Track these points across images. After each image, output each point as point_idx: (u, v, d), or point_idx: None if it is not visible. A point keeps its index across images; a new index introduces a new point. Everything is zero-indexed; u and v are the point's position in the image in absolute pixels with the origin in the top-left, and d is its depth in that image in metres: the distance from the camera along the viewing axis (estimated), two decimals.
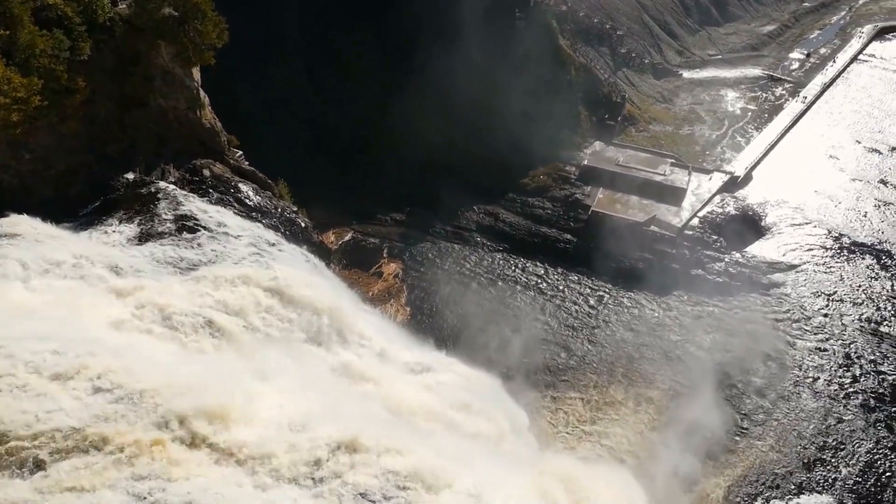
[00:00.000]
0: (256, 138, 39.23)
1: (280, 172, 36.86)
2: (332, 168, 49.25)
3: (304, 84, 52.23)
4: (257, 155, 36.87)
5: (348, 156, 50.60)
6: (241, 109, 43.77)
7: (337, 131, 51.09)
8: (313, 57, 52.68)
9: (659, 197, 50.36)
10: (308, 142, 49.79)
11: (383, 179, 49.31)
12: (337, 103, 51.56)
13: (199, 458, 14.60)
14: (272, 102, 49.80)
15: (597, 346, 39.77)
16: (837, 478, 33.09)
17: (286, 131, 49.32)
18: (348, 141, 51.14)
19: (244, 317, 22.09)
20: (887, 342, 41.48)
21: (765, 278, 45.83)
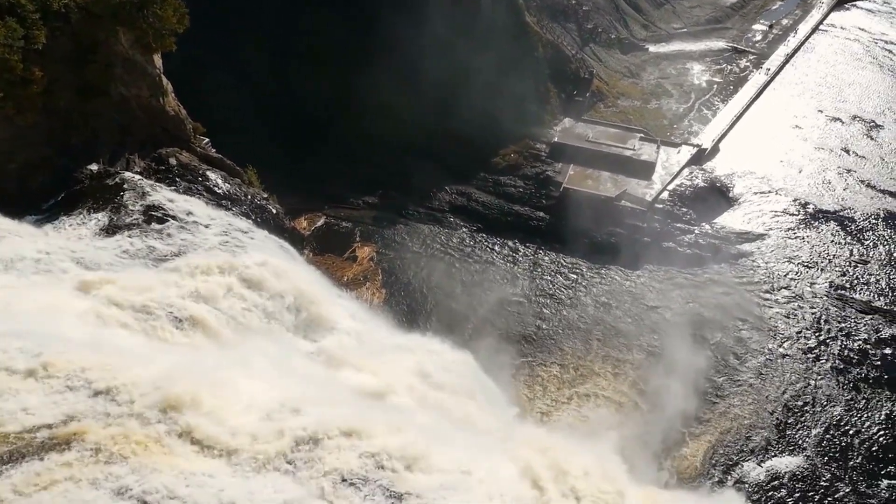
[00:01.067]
0: (223, 125, 38.59)
1: (249, 159, 36.35)
2: (302, 153, 48.68)
3: (270, 67, 51.32)
4: (225, 142, 36.35)
5: (318, 139, 50.02)
6: (206, 96, 42.92)
7: (305, 115, 50.43)
8: (278, 39, 51.72)
9: (629, 171, 50.80)
10: (276, 126, 49.09)
11: (354, 162, 48.90)
12: (304, 87, 50.80)
13: (179, 450, 14.50)
14: (238, 87, 48.91)
15: (572, 319, 40.28)
16: (808, 438, 34.15)
17: (253, 116, 48.55)
18: (317, 124, 50.54)
19: (217, 306, 21.87)
20: (851, 306, 42.69)
21: (734, 248, 46.70)
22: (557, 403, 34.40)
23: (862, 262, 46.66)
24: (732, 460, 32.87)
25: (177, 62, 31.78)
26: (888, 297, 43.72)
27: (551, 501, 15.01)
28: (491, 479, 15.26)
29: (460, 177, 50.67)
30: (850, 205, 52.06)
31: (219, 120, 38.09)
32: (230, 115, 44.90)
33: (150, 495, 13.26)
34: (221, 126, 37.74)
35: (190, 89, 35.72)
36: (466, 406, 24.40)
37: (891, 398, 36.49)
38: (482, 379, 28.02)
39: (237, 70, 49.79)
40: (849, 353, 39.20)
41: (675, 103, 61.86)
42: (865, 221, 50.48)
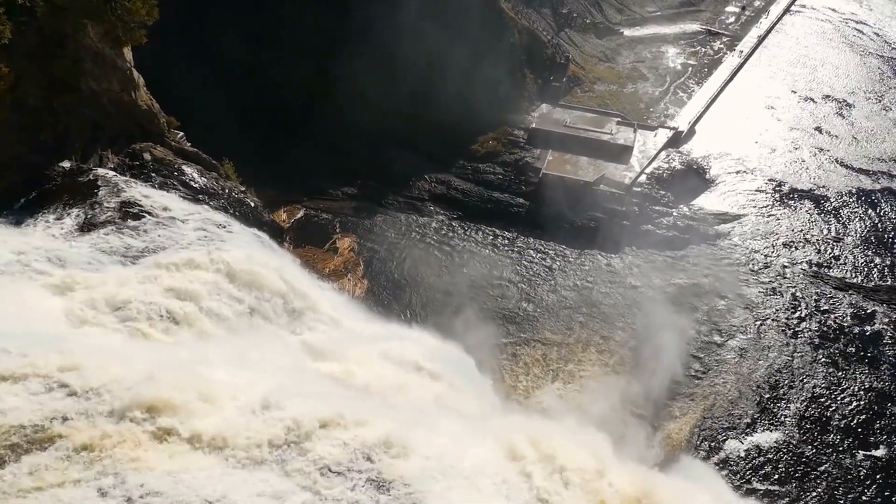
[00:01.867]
0: (198, 118, 38.06)
1: (225, 152, 35.94)
2: (279, 144, 48.22)
3: (245, 58, 50.61)
4: (200, 135, 35.85)
5: (295, 130, 49.57)
6: (180, 89, 42.30)
7: (282, 106, 49.93)
8: (252, 28, 50.99)
9: (607, 156, 51.06)
10: (252, 118, 48.52)
11: (333, 153, 48.54)
12: (279, 77, 50.26)
13: (164, 448, 14.44)
14: (212, 80, 48.19)
15: (555, 302, 40.59)
16: (787, 414, 34.83)
17: (229, 109, 47.86)
18: (294, 115, 50.07)
19: (198, 301, 21.69)
20: (827, 283, 43.48)
21: (712, 229, 47.26)
22: (542, 384, 34.70)
23: (836, 240, 47.49)
24: (716, 437, 33.45)
25: (148, 55, 31.20)
26: (862, 274, 44.60)
27: (537, 482, 15.17)
28: (477, 463, 15.39)
29: (439, 165, 50.58)
30: (824, 183, 52.89)
31: (193, 113, 37.53)
32: (204, 108, 44.23)
33: (135, 494, 13.20)
34: (196, 119, 37.22)
35: (163, 83, 35.18)
36: (451, 392, 24.53)
37: (867, 372, 37.31)
38: (466, 364, 28.17)
39: (211, 62, 49.10)
40: (826, 330, 39.97)
41: (650, 87, 62.18)
42: (839, 199, 51.35)
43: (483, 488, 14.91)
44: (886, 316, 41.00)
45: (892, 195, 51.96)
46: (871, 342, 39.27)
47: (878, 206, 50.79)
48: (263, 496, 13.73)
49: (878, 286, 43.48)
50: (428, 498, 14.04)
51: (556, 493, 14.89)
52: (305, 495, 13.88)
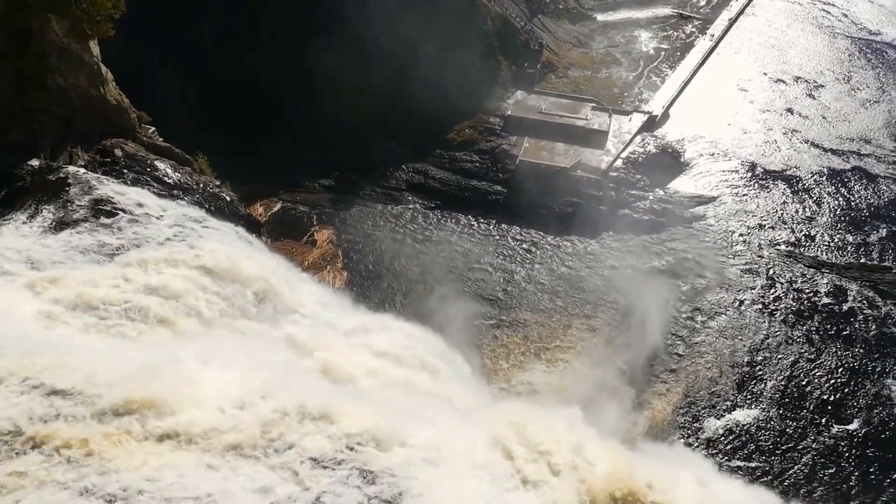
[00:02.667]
0: (170, 112, 37.52)
1: (198, 146, 35.54)
2: (254, 136, 47.69)
3: (216, 49, 49.83)
4: (172, 130, 35.35)
5: (270, 122, 49.03)
6: (150, 83, 41.66)
7: (255, 97, 49.32)
8: (222, 18, 50.21)
9: (583, 141, 51.31)
10: (226, 111, 47.95)
11: (308, 144, 48.12)
12: (252, 67, 49.48)
13: (147, 447, 14.33)
14: (183, 72, 47.45)
15: (535, 288, 40.90)
16: (764, 391, 35.52)
17: (201, 102, 47.27)
18: (269, 106, 49.49)
19: (176, 298, 21.45)
20: (801, 262, 44.27)
21: (687, 212, 47.83)
22: (524, 367, 35.02)
23: (809, 220, 48.32)
24: (697, 415, 34.04)
25: (116, 49, 30.66)
26: (834, 252, 45.48)
27: (521, 466, 15.33)
28: (460, 451, 15.51)
29: (416, 154, 50.46)
30: (796, 164, 53.70)
31: (165, 107, 37.02)
32: (176, 102, 43.63)
33: (118, 494, 13.10)
34: (168, 114, 36.71)
35: (132, 77, 34.59)
36: (433, 380, 24.62)
37: (841, 349, 38.15)
38: (448, 352, 28.27)
39: (181, 54, 48.30)
40: (801, 308, 40.76)
41: (624, 71, 62.50)
42: (811, 179, 52.19)
43: (468, 476, 15.03)
44: (859, 293, 41.89)
45: (862, 174, 52.95)
46: (845, 319, 40.13)
47: (848, 185, 51.74)
48: (249, 491, 13.70)
49: (851, 264, 44.38)
50: (413, 487, 14.12)
51: (540, 477, 15.07)
52: (291, 488, 13.88)
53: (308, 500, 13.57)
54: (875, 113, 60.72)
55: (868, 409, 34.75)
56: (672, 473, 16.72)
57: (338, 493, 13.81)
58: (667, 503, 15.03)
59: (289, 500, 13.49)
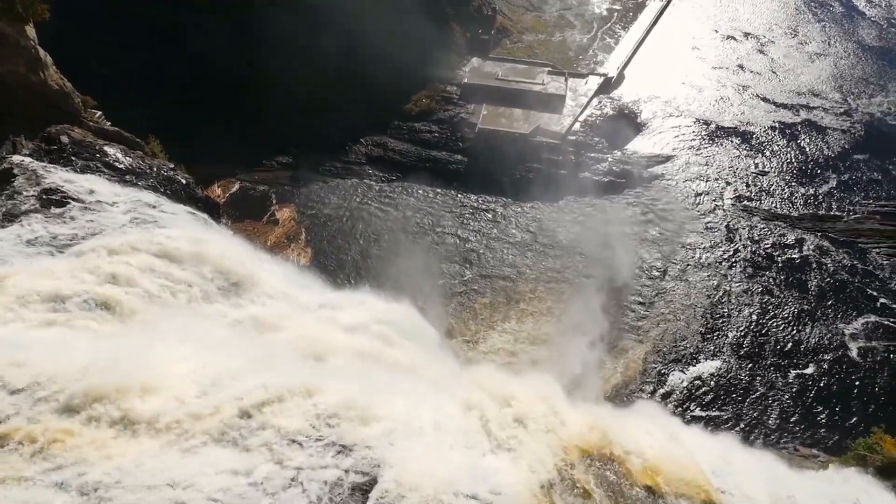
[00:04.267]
0: (116, 94, 36.27)
1: (149, 128, 34.48)
2: (206, 116, 46.51)
3: (162, 24, 48.14)
4: (120, 113, 34.21)
5: (222, 101, 47.81)
6: (94, 64, 40.15)
7: (205, 75, 47.95)
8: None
9: (540, 106, 51.38)
10: (176, 90, 46.59)
11: (264, 121, 47.19)
12: (201, 43, 48.01)
13: (116, 438, 14.12)
14: (128, 52, 45.86)
15: (501, 254, 41.27)
16: (726, 342, 36.64)
17: (149, 82, 45.88)
18: (220, 84, 48.19)
19: (136, 286, 20.97)
20: (756, 215, 45.40)
21: (646, 171, 48.51)
22: (494, 335, 35.43)
23: (763, 174, 49.46)
24: (663, 369, 34.99)
25: (54, 31, 29.38)
26: (787, 204, 46.74)
27: (495, 430, 15.59)
28: (435, 419, 15.68)
29: (374, 127, 49.96)
30: (749, 119, 54.74)
31: (111, 90, 35.75)
32: (123, 83, 42.24)
33: (92, 486, 12.94)
34: (114, 96, 35.46)
35: (73, 60, 33.27)
36: (404, 352, 24.73)
37: (796, 297, 39.48)
38: (417, 323, 28.37)
39: (125, 33, 46.62)
40: (758, 260, 41.97)
41: (578, 34, 62.49)
42: (763, 134, 53.30)
43: (444, 443, 15.22)
44: (812, 243, 43.27)
45: (812, 127, 54.27)
46: (800, 269, 41.49)
47: (799, 139, 53.01)
48: (226, 473, 13.66)
49: (803, 215, 45.73)
50: (390, 457, 14.25)
51: (515, 439, 15.35)
52: (268, 467, 13.88)
53: (285, 478, 13.60)
54: (822, 66, 62.06)
55: (822, 353, 36.21)
56: (641, 425, 17.19)
57: (314, 468, 13.86)
58: (637, 455, 15.48)
59: (266, 480, 13.49)
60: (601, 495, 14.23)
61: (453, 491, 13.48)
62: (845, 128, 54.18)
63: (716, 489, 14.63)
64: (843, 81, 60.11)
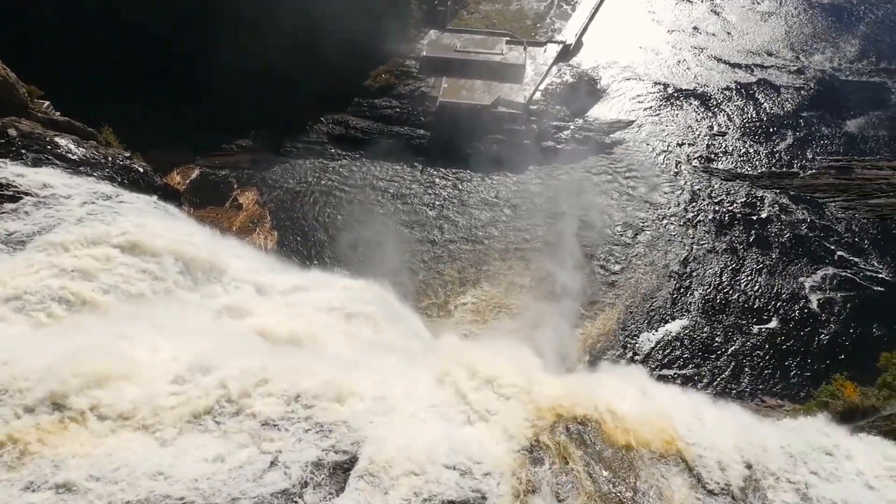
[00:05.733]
0: (64, 83, 35.09)
1: (101, 116, 33.53)
2: (160, 100, 45.21)
3: (105, 7, 46.23)
4: (69, 102, 33.14)
5: (176, 83, 46.46)
6: (37, 53, 38.65)
7: (156, 57, 46.50)
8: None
9: (501, 77, 51.15)
10: (126, 76, 45.18)
11: (221, 104, 45.96)
12: (148, 24, 46.39)
13: (91, 432, 13.96)
14: (72, 38, 44.17)
15: (468, 226, 41.37)
16: (693, 300, 37.47)
17: (97, 68, 44.33)
18: (172, 66, 46.79)
19: (100, 279, 20.56)
20: (717, 176, 46.19)
21: (608, 137, 48.84)
22: (465, 307, 35.65)
23: (722, 134, 50.22)
24: (634, 330, 35.67)
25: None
26: (746, 163, 47.60)
27: (471, 399, 15.80)
28: (412, 394, 15.82)
29: (334, 105, 49.29)
30: (706, 81, 55.34)
31: (57, 78, 34.58)
32: (69, 71, 40.81)
33: (73, 481, 12.81)
34: (62, 85, 34.31)
35: (14, 49, 32.04)
36: (377, 330, 24.80)
37: (759, 254, 40.44)
38: (388, 299, 28.41)
39: (67, 18, 44.86)
40: (721, 219, 42.83)
41: (535, 2, 62.12)
42: (720, 95, 54.00)
43: (421, 416, 15.38)
44: (772, 200, 44.26)
45: (767, 86, 55.13)
46: (761, 226, 42.46)
47: (755, 98, 53.85)
48: (206, 461, 13.64)
49: (762, 173, 46.66)
50: (369, 434, 14.36)
51: (490, 406, 15.59)
52: (248, 451, 13.90)
53: (265, 462, 13.63)
54: (775, 25, 62.88)
55: (784, 307, 37.29)
56: (614, 386, 17.59)
57: (295, 450, 13.92)
58: (611, 416, 15.86)
59: (246, 464, 13.51)
60: (578, 457, 14.57)
61: (434, 462, 13.68)
62: (799, 85, 55.15)
63: (687, 443, 15.10)
64: (795, 39, 61.06)
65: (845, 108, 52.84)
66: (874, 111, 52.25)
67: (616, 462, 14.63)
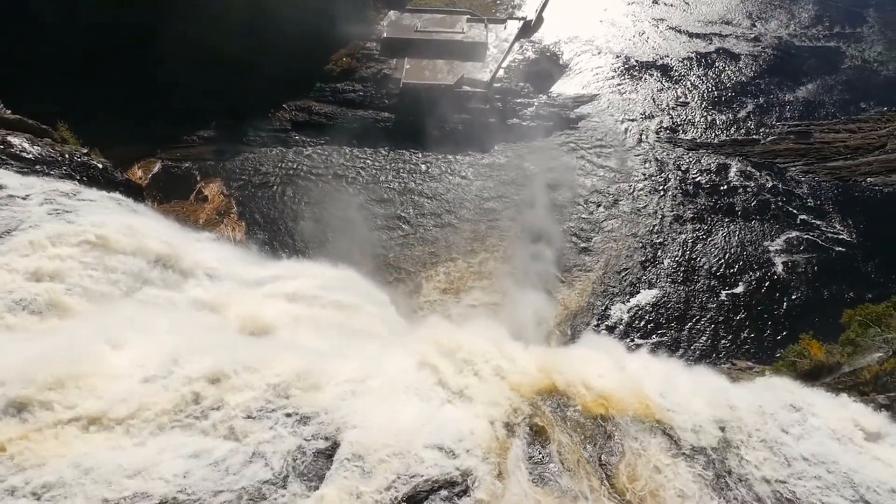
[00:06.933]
0: (13, 81, 34.00)
1: (55, 113, 32.56)
2: (117, 93, 44.15)
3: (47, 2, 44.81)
4: (19, 99, 32.10)
5: (132, 75, 45.36)
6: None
7: (109, 49, 45.25)
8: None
9: (463, 56, 50.94)
10: (79, 70, 43.92)
11: (179, 95, 45.05)
12: (99, 14, 45.05)
13: (64, 436, 13.73)
14: (19, 32, 42.71)
15: (437, 207, 41.42)
16: (662, 269, 38.09)
17: (47, 62, 43.01)
18: (126, 57, 45.61)
19: (66, 280, 20.11)
20: (680, 146, 46.78)
21: (573, 112, 49.08)
22: (438, 284, 35.76)
23: (684, 104, 50.77)
24: (605, 302, 36.18)
25: None
26: (709, 132, 48.27)
27: (449, 380, 15.90)
28: (389, 377, 15.86)
29: (296, 91, 48.63)
30: (666, 52, 55.81)
31: (4, 77, 33.46)
32: (18, 69, 39.48)
33: (50, 485, 12.62)
34: (11, 83, 33.23)
35: None
36: (351, 314, 24.74)
37: (725, 220, 41.22)
38: (362, 286, 28.35)
39: (10, 15, 43.35)
40: (688, 188, 43.51)
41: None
42: (681, 65, 54.52)
43: (401, 399, 15.43)
44: (735, 167, 45.04)
45: (725, 54, 55.82)
46: (726, 193, 43.24)
47: (714, 66, 54.50)
48: (182, 457, 13.52)
49: (724, 141, 47.40)
50: (349, 420, 14.38)
51: (469, 385, 15.71)
52: (228, 445, 13.81)
53: (246, 455, 13.57)
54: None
55: (751, 272, 38.17)
56: (589, 358, 17.85)
57: (275, 441, 13.88)
58: (587, 387, 16.12)
59: (226, 458, 13.44)
60: (558, 430, 14.79)
61: (416, 443, 13.76)
62: (756, 53, 55.93)
63: (662, 409, 15.42)
64: (751, 7, 61.77)
65: (802, 73, 53.82)
66: (829, 75, 53.34)
67: (594, 431, 14.91)
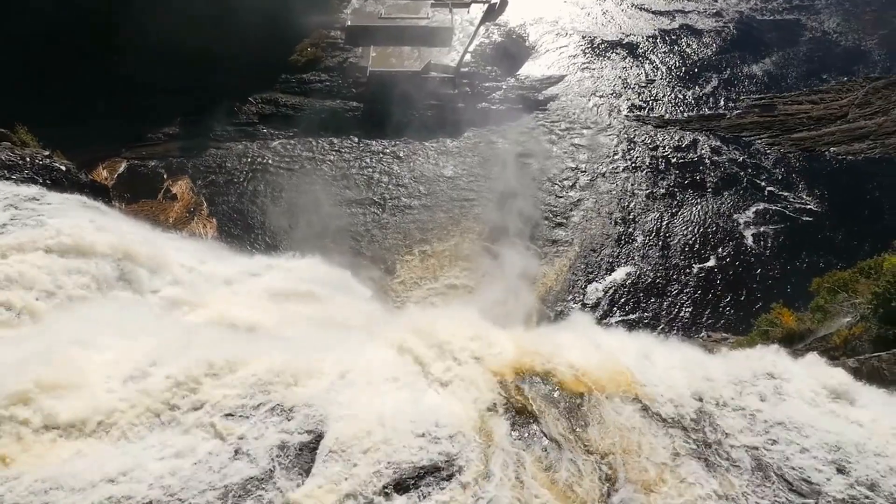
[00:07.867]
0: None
1: (13, 116, 31.74)
2: (77, 92, 43.13)
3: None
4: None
5: (91, 72, 44.32)
6: None
7: (67, 45, 44.11)
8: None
9: (429, 41, 50.67)
10: (36, 71, 42.79)
11: (139, 92, 44.22)
12: (50, 15, 43.92)
13: (40, 445, 13.52)
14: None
15: (411, 195, 41.36)
16: (635, 246, 38.56)
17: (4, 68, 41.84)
18: (85, 53, 44.54)
19: (33, 286, 19.74)
20: (648, 123, 47.21)
21: (541, 94, 49.20)
22: (416, 275, 35.79)
23: (650, 82, 51.18)
24: (581, 281, 36.55)
25: None
26: (676, 108, 48.77)
27: (430, 368, 15.98)
28: (370, 367, 15.89)
29: (262, 83, 48.01)
30: (630, 31, 56.12)
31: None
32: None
33: (34, 489, 12.44)
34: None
35: None
36: (330, 306, 24.68)
37: (696, 196, 41.82)
38: (339, 277, 28.28)
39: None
40: (658, 164, 43.97)
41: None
42: (646, 43, 54.89)
43: (383, 388, 15.47)
44: (703, 143, 45.62)
45: (689, 31, 56.31)
46: (695, 168, 43.81)
47: (678, 43, 54.97)
48: (168, 458, 13.42)
49: (691, 117, 47.94)
50: (332, 412, 14.38)
51: (450, 370, 15.80)
52: (211, 443, 13.73)
53: (229, 451, 13.51)
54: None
55: (721, 245, 38.82)
56: (567, 337, 18.06)
57: (258, 436, 13.83)
58: (566, 367, 16.32)
59: (210, 456, 13.36)
60: (540, 409, 14.98)
61: (400, 431, 13.83)
62: (719, 28, 56.49)
63: (640, 384, 15.69)
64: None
65: (764, 46, 54.55)
66: (790, 48, 54.14)
67: (575, 409, 15.13)
